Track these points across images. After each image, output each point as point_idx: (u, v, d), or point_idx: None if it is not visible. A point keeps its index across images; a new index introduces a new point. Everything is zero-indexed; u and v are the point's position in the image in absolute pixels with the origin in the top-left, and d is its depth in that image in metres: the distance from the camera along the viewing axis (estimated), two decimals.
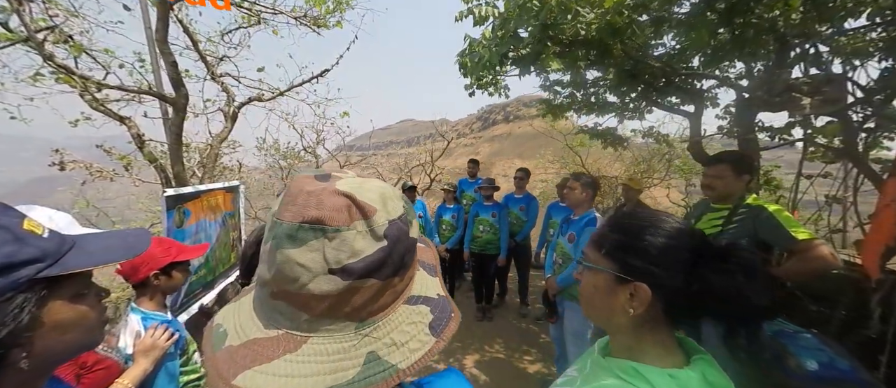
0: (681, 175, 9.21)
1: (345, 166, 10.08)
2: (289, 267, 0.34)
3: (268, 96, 2.66)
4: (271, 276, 0.36)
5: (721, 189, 1.96)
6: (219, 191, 2.38)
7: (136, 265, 1.30)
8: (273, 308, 0.37)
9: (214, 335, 0.39)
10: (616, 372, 0.66)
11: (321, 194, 0.36)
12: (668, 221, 0.72)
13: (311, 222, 0.34)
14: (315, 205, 0.35)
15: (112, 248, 0.60)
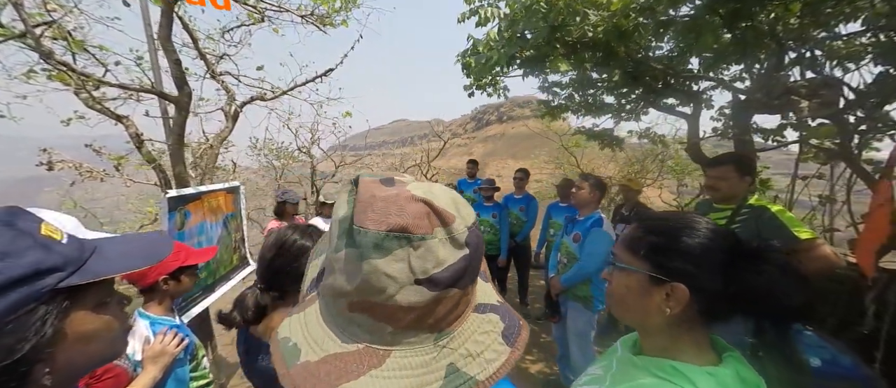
0: (673, 175, 9.39)
1: (340, 166, 10.00)
2: (376, 278, 0.33)
3: (270, 96, 2.62)
4: (354, 287, 0.34)
5: (725, 190, 1.99)
6: (220, 192, 2.33)
7: (145, 270, 1.26)
8: (350, 320, 0.36)
9: (284, 349, 0.37)
10: (653, 371, 0.67)
11: (399, 201, 0.35)
12: (701, 222, 0.73)
13: (397, 231, 0.33)
14: (397, 212, 0.34)
15: (134, 253, 0.57)
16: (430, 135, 13.13)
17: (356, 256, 0.34)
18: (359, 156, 14.96)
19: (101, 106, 2.00)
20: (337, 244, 0.36)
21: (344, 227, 0.37)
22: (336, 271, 0.36)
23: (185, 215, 1.89)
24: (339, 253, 0.36)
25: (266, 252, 1.00)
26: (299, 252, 1.00)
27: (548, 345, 3.54)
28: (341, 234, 0.37)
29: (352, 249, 0.34)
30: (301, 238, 1.02)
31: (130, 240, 0.60)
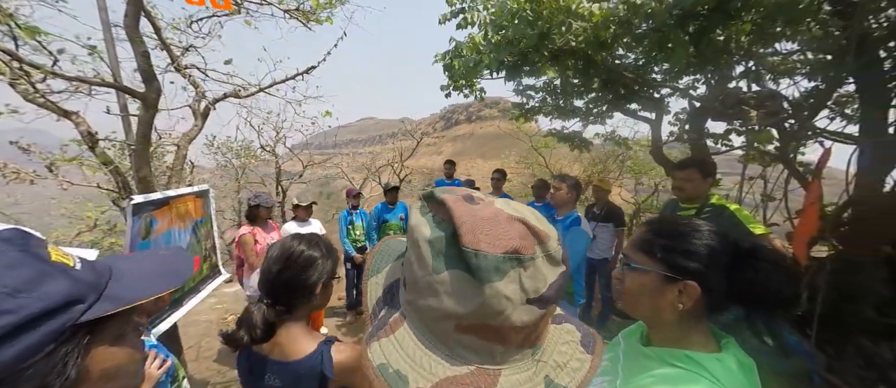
0: (631, 175, 10.10)
1: (308, 165, 9.58)
2: (497, 301, 0.33)
3: (245, 92, 2.44)
4: (469, 309, 0.34)
5: (690, 191, 2.18)
6: (188, 197, 2.15)
7: None
8: (458, 342, 0.36)
9: (387, 377, 0.36)
10: (669, 361, 0.73)
11: (501, 222, 0.36)
12: (705, 226, 0.81)
13: (511, 253, 0.33)
14: (505, 234, 0.34)
15: (153, 274, 0.52)
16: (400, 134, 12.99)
17: (470, 279, 0.34)
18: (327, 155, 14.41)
19: (44, 100, 1.74)
20: (435, 265, 0.36)
21: (439, 248, 0.37)
22: (440, 294, 0.35)
23: (151, 222, 1.72)
24: (441, 275, 0.35)
25: (272, 266, 0.95)
26: (307, 264, 0.96)
27: None
28: (437, 255, 0.36)
29: (461, 271, 0.34)
30: (308, 249, 0.98)
31: (144, 259, 0.54)
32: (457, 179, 5.00)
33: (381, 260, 0.53)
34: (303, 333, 0.97)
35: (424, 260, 0.37)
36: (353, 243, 4.22)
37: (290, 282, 0.94)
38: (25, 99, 1.74)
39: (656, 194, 10.33)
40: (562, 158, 11.50)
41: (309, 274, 0.95)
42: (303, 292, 0.95)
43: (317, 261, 0.97)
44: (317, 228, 3.85)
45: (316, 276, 0.97)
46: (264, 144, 8.67)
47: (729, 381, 0.68)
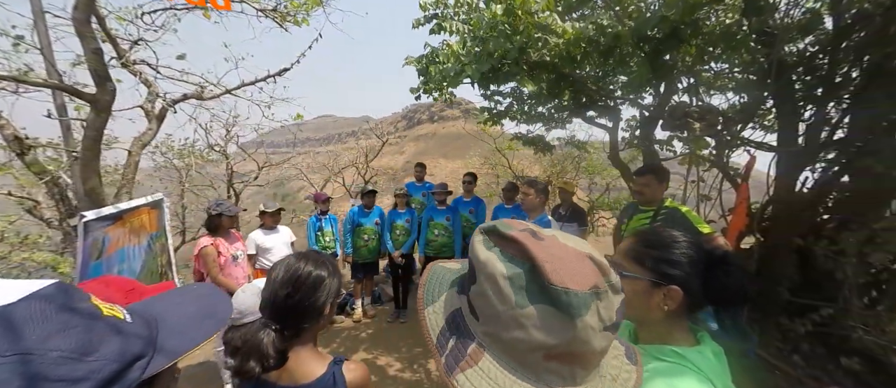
0: (586, 175, 10.86)
1: (264, 166, 8.97)
2: (585, 332, 0.38)
3: (209, 93, 2.22)
4: (561, 340, 0.38)
5: (648, 194, 2.42)
6: (143, 208, 1.94)
7: None
8: (545, 369, 0.40)
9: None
10: (657, 356, 0.83)
11: (575, 257, 0.41)
12: (685, 237, 0.93)
13: (593, 289, 0.38)
14: (582, 271, 0.40)
15: (197, 319, 0.49)
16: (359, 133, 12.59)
17: (557, 313, 0.38)
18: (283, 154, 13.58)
19: None
20: (518, 301, 0.40)
21: (519, 283, 0.41)
22: (528, 327, 0.39)
23: (104, 240, 1.53)
24: (526, 310, 0.39)
25: (279, 290, 0.90)
26: (316, 284, 0.94)
27: None
28: (519, 290, 0.40)
29: (546, 306, 0.39)
30: (315, 269, 0.95)
31: (181, 301, 0.51)
32: (427, 183, 5.02)
33: (434, 289, 0.55)
34: (311, 355, 0.94)
35: (505, 295, 0.41)
36: (323, 250, 4.06)
37: (300, 305, 0.90)
38: None
39: (607, 192, 11.25)
40: (523, 159, 12.03)
41: (317, 296, 0.93)
42: (312, 315, 0.93)
43: (325, 281, 0.95)
44: (286, 235, 3.64)
45: (324, 297, 0.94)
46: (213, 143, 7.96)
47: (709, 369, 0.80)
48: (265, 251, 3.42)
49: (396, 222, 4.16)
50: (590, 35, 2.08)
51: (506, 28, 2.06)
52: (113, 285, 1.12)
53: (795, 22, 2.48)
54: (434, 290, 0.55)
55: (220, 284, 2.72)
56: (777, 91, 2.53)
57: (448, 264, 0.61)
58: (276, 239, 3.49)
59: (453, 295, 0.53)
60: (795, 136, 2.63)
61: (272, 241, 3.45)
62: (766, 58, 2.40)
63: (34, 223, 5.53)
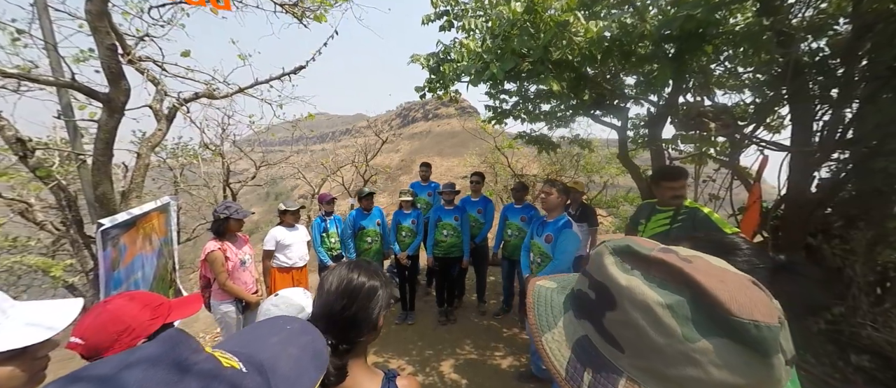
0: (584, 174, 10.92)
1: (261, 166, 8.79)
2: (778, 371, 0.34)
3: (222, 93, 2.11)
4: (750, 381, 0.34)
5: (684, 196, 2.41)
6: (153, 213, 1.84)
7: (113, 336, 0.94)
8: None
9: None
10: None
11: (744, 284, 0.38)
12: (745, 244, 0.90)
13: (780, 320, 0.36)
14: (762, 299, 0.36)
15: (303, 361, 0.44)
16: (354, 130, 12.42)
17: (739, 348, 0.34)
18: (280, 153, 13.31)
19: None
20: (686, 334, 0.35)
21: (684, 314, 0.36)
22: (703, 364, 0.35)
23: (121, 249, 1.45)
24: (698, 344, 0.35)
25: (333, 302, 0.85)
26: (370, 295, 0.88)
27: (511, 339, 3.78)
28: (685, 322, 0.36)
29: (725, 340, 0.35)
30: (369, 279, 0.90)
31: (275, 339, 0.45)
32: (433, 183, 4.96)
33: (546, 313, 0.50)
34: (365, 371, 0.89)
35: (666, 327, 0.36)
36: (328, 252, 3.99)
37: (356, 318, 0.85)
38: None
39: (605, 190, 11.34)
40: (521, 157, 12.03)
41: (372, 307, 0.88)
42: (367, 327, 0.87)
43: (378, 291, 0.90)
44: (304, 233, 3.72)
45: (378, 308, 0.89)
46: (209, 141, 7.77)
47: None
48: (285, 248, 3.55)
49: (402, 223, 4.10)
50: (613, 34, 2.05)
51: (528, 26, 2.02)
52: (140, 300, 1.05)
53: (809, 22, 2.48)
54: (547, 314, 0.50)
55: (230, 290, 2.63)
56: (793, 92, 2.54)
57: (547, 283, 0.57)
58: (296, 236, 3.65)
59: (572, 320, 0.48)
60: (809, 136, 2.64)
61: (292, 238, 3.62)
62: (783, 57, 2.40)
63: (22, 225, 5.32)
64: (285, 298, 1.26)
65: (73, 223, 1.54)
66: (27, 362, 0.71)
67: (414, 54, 3.56)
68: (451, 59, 2.83)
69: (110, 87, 1.41)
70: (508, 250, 3.99)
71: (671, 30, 1.94)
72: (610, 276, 0.43)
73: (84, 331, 0.93)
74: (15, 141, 1.45)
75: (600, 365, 0.42)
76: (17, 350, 0.67)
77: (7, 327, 0.67)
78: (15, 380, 0.69)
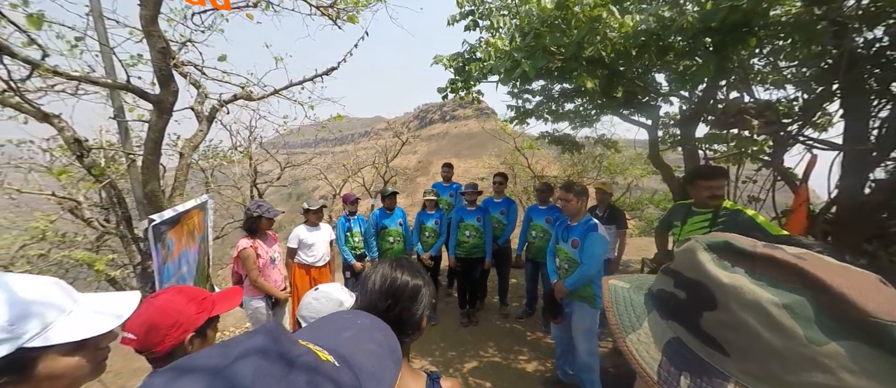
0: (607, 175, 10.61)
1: (286, 167, 9.06)
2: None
3: (259, 95, 2.19)
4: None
5: (721, 197, 2.29)
6: (194, 211, 1.92)
7: (163, 330, 0.97)
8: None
9: None
10: None
11: (869, 279, 0.34)
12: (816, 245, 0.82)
13: None
14: (892, 297, 0.33)
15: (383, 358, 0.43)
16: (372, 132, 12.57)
17: (882, 355, 0.30)
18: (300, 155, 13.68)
19: (19, 100, 1.44)
20: (810, 336, 0.32)
21: (806, 315, 0.33)
22: (834, 370, 0.31)
23: (169, 244, 1.51)
24: (825, 347, 0.31)
25: (377, 301, 0.84)
26: (414, 295, 0.87)
27: (535, 343, 3.70)
28: (808, 324, 0.33)
29: (859, 343, 0.31)
30: (413, 278, 0.88)
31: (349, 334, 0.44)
32: (454, 183, 4.95)
33: (628, 313, 0.47)
34: (408, 371, 0.88)
35: (786, 329, 0.33)
36: (352, 251, 4.04)
37: (400, 318, 0.84)
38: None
39: (629, 192, 10.97)
40: (541, 159, 11.84)
41: (416, 307, 0.87)
42: (411, 327, 0.86)
43: (422, 291, 0.88)
44: (326, 232, 3.77)
45: (422, 308, 0.88)
46: (237, 144, 8.08)
47: None
48: (307, 247, 3.57)
49: (426, 224, 4.10)
50: (650, 28, 1.96)
51: (560, 22, 1.97)
52: (185, 294, 1.08)
53: (866, 10, 2.30)
54: (628, 314, 0.47)
55: (260, 287, 2.70)
56: (847, 86, 2.36)
57: (620, 283, 0.54)
58: (318, 236, 3.66)
59: (657, 321, 0.45)
60: (865, 133, 2.45)
61: (314, 237, 3.62)
62: (836, 49, 2.23)
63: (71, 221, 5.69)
64: (325, 292, 1.27)
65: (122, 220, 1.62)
66: (91, 352, 0.73)
67: (437, 55, 3.57)
68: (478, 59, 2.81)
69: (161, 89, 1.48)
70: (533, 252, 3.91)
71: (714, 22, 1.84)
72: (708, 274, 0.40)
73: (136, 326, 0.96)
74: (73, 141, 1.55)
75: (700, 370, 0.39)
76: (84, 340, 0.69)
77: (77, 316, 0.70)
78: (81, 370, 0.71)
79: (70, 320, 0.69)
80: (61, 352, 0.67)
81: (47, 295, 0.66)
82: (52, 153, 4.42)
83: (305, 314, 1.25)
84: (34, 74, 1.34)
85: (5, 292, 0.63)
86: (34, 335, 0.63)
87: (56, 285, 0.71)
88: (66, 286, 0.73)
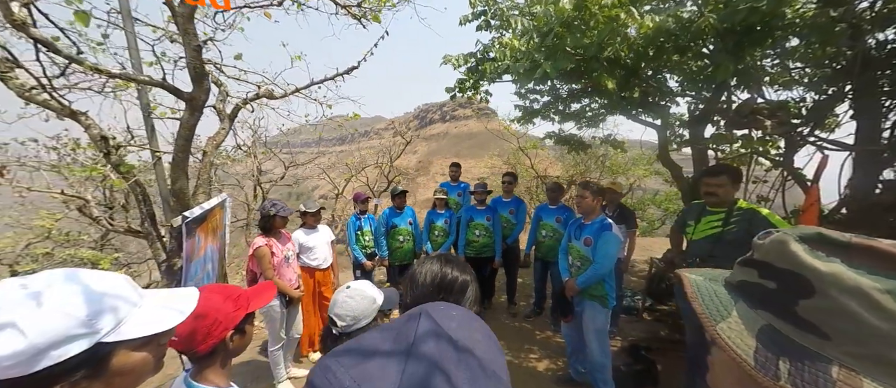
0: (609, 175, 10.65)
1: (290, 166, 9.05)
2: None
3: (281, 94, 2.20)
4: None
5: (722, 195, 2.31)
6: (216, 208, 1.92)
7: (205, 329, 0.97)
8: None
9: None
10: None
11: None
12: None
13: None
14: None
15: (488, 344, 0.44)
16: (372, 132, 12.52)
17: None
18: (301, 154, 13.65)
19: (46, 98, 1.44)
20: None
21: None
22: None
23: (197, 241, 1.52)
24: None
25: (429, 296, 0.85)
26: (463, 288, 0.89)
27: (545, 342, 3.72)
28: None
29: None
30: (462, 273, 0.90)
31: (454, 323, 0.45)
32: (462, 183, 4.96)
33: (714, 303, 0.49)
34: None
35: (891, 312, 0.36)
36: (363, 250, 4.05)
37: None
38: (20, 95, 1.43)
39: (631, 191, 11.02)
40: (544, 159, 11.89)
41: (465, 300, 0.88)
42: None
43: (470, 285, 0.90)
44: (326, 234, 3.64)
45: (469, 302, 0.89)
46: (241, 142, 8.06)
47: None
48: (307, 250, 3.42)
49: (435, 223, 4.11)
50: (669, 28, 1.98)
51: (579, 23, 1.99)
52: (221, 292, 1.08)
53: (879, 12, 2.33)
54: (715, 304, 0.49)
55: (276, 286, 2.71)
56: (859, 87, 2.39)
57: (696, 276, 0.55)
58: (318, 238, 3.49)
59: (746, 310, 0.47)
60: (877, 134, 2.48)
61: (314, 240, 3.45)
62: (850, 51, 2.26)
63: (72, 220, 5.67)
64: (358, 290, 1.28)
65: (147, 217, 1.63)
66: (155, 348, 0.73)
67: (446, 55, 3.58)
68: (492, 59, 2.82)
69: (193, 86, 1.49)
70: (542, 251, 3.93)
71: (732, 23, 1.86)
72: (804, 263, 0.41)
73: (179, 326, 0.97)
74: (99, 138, 1.56)
75: (799, 354, 0.40)
76: (151, 336, 0.69)
77: (145, 311, 0.70)
78: (147, 366, 0.71)
79: (140, 314, 0.69)
80: (131, 347, 0.67)
81: (119, 289, 0.67)
82: (59, 152, 4.41)
83: (339, 313, 1.26)
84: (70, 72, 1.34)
85: (80, 286, 0.63)
86: (110, 330, 0.63)
87: (124, 279, 0.72)
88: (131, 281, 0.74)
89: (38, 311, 0.58)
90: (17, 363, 0.53)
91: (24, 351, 0.53)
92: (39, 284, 0.61)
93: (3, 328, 0.54)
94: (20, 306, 0.57)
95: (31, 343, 0.53)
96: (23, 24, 1.16)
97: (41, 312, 0.58)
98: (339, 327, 1.24)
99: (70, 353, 0.58)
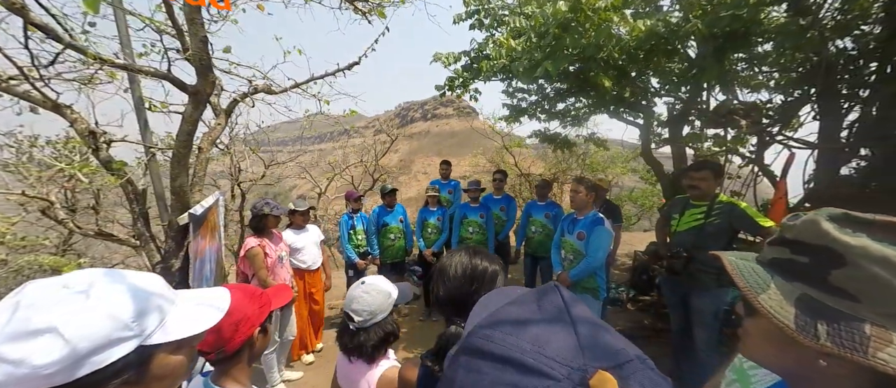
0: (589, 171, 11.02)
1: (270, 165, 8.73)
2: None
3: (279, 89, 2.12)
4: None
5: (704, 189, 2.47)
6: (213, 207, 1.85)
7: (231, 328, 0.95)
8: None
9: None
10: None
11: None
12: None
13: None
14: None
15: None
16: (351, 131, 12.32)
17: None
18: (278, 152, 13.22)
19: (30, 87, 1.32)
20: None
21: None
22: None
23: (198, 240, 1.46)
24: None
25: (461, 286, 0.88)
26: (494, 278, 0.92)
27: None
28: None
29: None
30: (491, 264, 0.93)
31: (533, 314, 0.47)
32: (452, 180, 4.99)
33: (754, 277, 0.54)
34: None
35: None
36: (355, 249, 4.00)
37: None
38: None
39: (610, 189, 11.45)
40: (526, 157, 12.13)
41: (491, 289, 0.91)
42: None
43: (499, 275, 0.93)
44: (315, 234, 3.55)
45: None
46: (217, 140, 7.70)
47: None
48: (296, 251, 3.28)
49: (428, 220, 4.12)
50: (659, 32, 2.10)
51: (575, 25, 2.06)
52: (242, 291, 1.06)
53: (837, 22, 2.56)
54: (754, 278, 0.55)
55: (266, 284, 2.63)
56: (823, 89, 2.62)
57: (732, 257, 0.61)
58: (306, 238, 3.39)
59: (783, 283, 0.53)
60: (838, 133, 2.72)
61: (303, 240, 3.34)
62: (816, 55, 2.47)
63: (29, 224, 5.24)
64: (373, 285, 1.28)
65: (140, 217, 1.54)
66: (189, 350, 0.70)
67: (436, 52, 3.59)
68: (487, 56, 2.86)
69: (198, 79, 1.41)
70: (532, 247, 4.02)
71: (719, 28, 2.00)
72: (835, 238, 0.48)
73: None
74: (87, 134, 1.45)
75: (835, 316, 0.47)
76: (188, 337, 0.66)
77: (184, 310, 0.67)
78: (183, 368, 0.67)
79: (179, 314, 0.66)
80: (169, 350, 0.64)
81: (158, 288, 0.64)
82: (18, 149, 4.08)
83: (356, 308, 1.26)
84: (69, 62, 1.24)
85: (124, 285, 0.60)
86: (154, 331, 0.60)
87: (158, 277, 0.69)
88: (164, 280, 0.71)
89: (82, 314, 0.54)
90: (58, 371, 0.49)
91: (67, 357, 0.50)
92: (82, 283, 0.58)
93: (43, 333, 0.50)
94: (61, 308, 0.54)
95: (74, 349, 0.50)
96: (22, 9, 1.06)
97: (85, 314, 0.54)
98: (356, 322, 1.24)
99: (112, 357, 0.55)
